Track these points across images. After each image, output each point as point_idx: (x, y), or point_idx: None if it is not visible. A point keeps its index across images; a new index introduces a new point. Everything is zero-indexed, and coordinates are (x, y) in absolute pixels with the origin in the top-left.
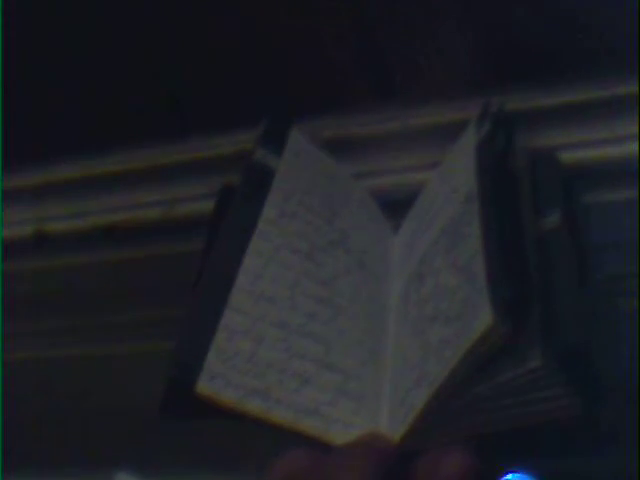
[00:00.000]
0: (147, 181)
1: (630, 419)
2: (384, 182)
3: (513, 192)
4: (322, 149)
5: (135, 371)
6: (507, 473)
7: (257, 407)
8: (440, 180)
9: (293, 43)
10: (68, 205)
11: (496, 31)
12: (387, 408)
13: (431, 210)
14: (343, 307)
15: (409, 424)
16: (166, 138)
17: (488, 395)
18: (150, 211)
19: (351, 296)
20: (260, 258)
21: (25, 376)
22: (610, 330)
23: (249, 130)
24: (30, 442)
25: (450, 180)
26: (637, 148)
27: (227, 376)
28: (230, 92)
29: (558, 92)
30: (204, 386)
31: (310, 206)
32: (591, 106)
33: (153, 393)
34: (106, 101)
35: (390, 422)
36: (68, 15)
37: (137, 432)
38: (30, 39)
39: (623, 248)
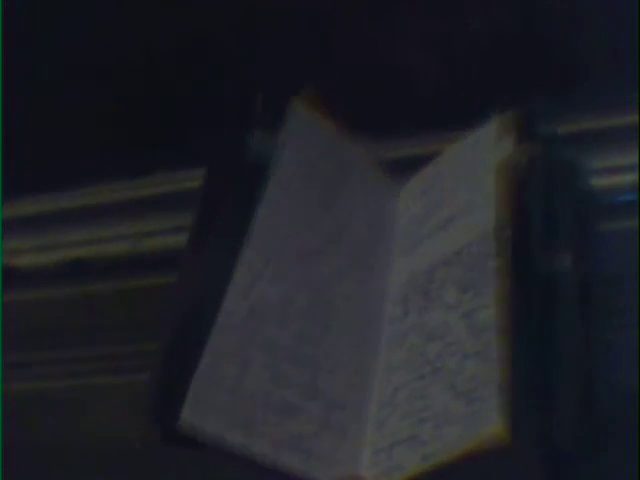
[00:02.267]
0: (115, 215)
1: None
2: None
3: (533, 230)
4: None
5: (104, 405)
6: None
7: (239, 441)
8: (453, 175)
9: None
10: (36, 239)
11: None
12: (370, 442)
13: (443, 204)
14: (333, 322)
15: None
16: (134, 172)
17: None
18: (118, 245)
19: (343, 306)
20: (252, 267)
21: None
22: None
23: None
24: None
25: (465, 187)
26: (637, 178)
27: (210, 407)
28: (198, 126)
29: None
30: (187, 419)
31: (308, 196)
32: (589, 136)
33: (121, 426)
34: (73, 135)
35: (371, 464)
36: (34, 46)
37: (104, 466)
38: None
39: (623, 279)
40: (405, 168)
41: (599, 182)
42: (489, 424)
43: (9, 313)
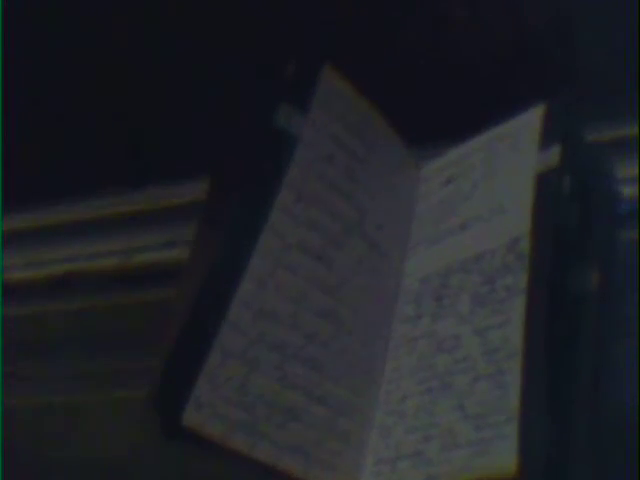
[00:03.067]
0: (105, 230)
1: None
2: None
3: (566, 253)
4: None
5: (94, 420)
6: None
7: (241, 442)
8: (485, 167)
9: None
10: (26, 254)
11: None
12: (373, 449)
13: (469, 199)
14: (345, 320)
15: None
16: (124, 187)
17: None
18: (108, 260)
19: (356, 303)
20: (268, 261)
21: None
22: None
23: (207, 179)
24: None
25: (497, 185)
26: (637, 190)
27: (215, 406)
28: (188, 141)
29: None
30: (190, 416)
31: (331, 180)
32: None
33: (113, 440)
34: (62, 151)
35: (373, 474)
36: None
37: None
38: None
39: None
40: None
41: None
42: (499, 457)
43: None
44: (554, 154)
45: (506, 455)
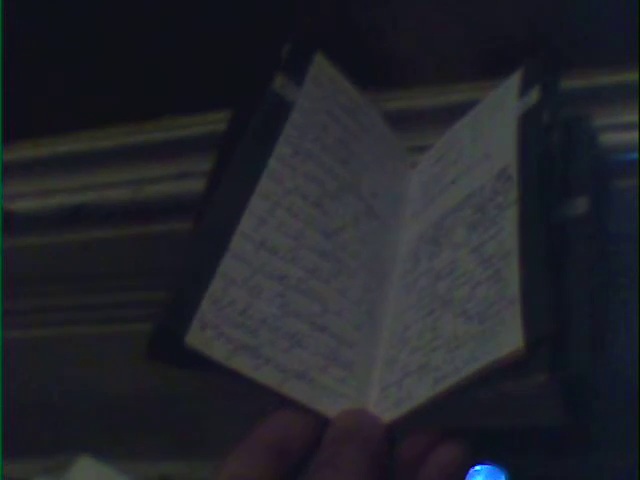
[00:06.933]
0: (116, 161)
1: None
2: None
3: (551, 175)
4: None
5: (103, 353)
6: (477, 464)
7: (245, 364)
8: (471, 132)
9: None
10: (34, 184)
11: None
12: (379, 380)
13: (458, 162)
14: (346, 263)
15: (404, 412)
16: (136, 117)
17: (486, 398)
18: (119, 191)
19: (356, 250)
20: (267, 201)
21: None
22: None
23: (220, 111)
24: None
25: (483, 140)
26: (637, 137)
27: (219, 327)
28: (201, 72)
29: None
30: (194, 335)
31: (325, 144)
32: (591, 92)
33: (123, 375)
34: (74, 80)
35: (381, 399)
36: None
37: (104, 416)
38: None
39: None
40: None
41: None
42: (504, 338)
43: (6, 259)
44: (533, 94)
45: (511, 334)
